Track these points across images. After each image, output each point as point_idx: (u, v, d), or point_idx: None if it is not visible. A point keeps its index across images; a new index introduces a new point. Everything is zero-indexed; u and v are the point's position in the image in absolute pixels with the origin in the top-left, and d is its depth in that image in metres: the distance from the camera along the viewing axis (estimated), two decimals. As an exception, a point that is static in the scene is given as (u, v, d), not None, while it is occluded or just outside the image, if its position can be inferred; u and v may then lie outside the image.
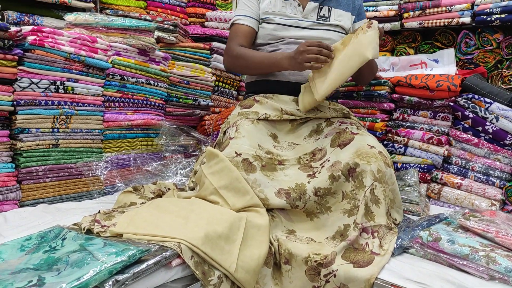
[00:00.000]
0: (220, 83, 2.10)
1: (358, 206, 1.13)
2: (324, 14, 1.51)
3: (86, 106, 1.48)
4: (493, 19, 1.66)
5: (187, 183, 1.49)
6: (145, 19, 1.82)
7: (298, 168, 1.29)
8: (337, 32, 1.51)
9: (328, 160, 1.24)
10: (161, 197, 1.34)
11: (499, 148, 1.51)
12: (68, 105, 1.42)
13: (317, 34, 1.47)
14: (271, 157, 1.31)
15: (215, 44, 2.04)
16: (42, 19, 1.78)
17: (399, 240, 1.08)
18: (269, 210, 1.17)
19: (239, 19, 1.52)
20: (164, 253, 0.86)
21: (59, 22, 1.79)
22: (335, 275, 0.99)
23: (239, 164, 1.20)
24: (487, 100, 1.53)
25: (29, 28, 1.35)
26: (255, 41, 1.56)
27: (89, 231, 1.00)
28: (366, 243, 1.08)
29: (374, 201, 1.14)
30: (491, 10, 1.66)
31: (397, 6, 1.97)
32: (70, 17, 1.60)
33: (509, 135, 1.49)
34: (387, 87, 1.75)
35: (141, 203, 1.26)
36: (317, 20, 1.50)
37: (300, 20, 1.49)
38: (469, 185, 1.54)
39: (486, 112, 1.53)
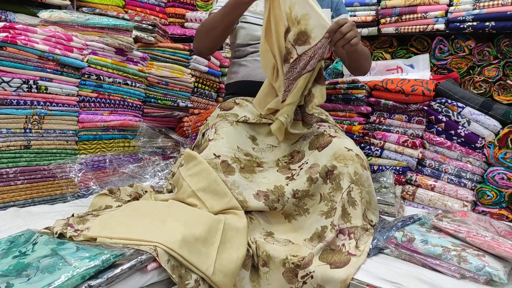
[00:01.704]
0: (200, 85, 2.08)
1: (335, 208, 1.14)
2: None
3: (60, 106, 1.44)
4: (465, 26, 1.71)
5: (165, 185, 1.47)
6: (123, 18, 1.79)
7: (277, 171, 1.30)
8: None
9: (307, 163, 1.25)
10: (138, 200, 1.32)
11: (470, 151, 1.56)
12: (41, 105, 1.38)
13: None
14: (250, 159, 1.31)
15: (195, 45, 2.02)
16: (15, 16, 1.72)
17: (375, 241, 1.10)
18: (248, 212, 1.17)
19: (216, 9, 1.46)
20: (139, 257, 0.84)
21: (33, 19, 1.73)
22: (312, 277, 1.00)
23: (217, 166, 1.20)
24: (460, 104, 1.58)
25: (1, 24, 1.30)
26: (235, 42, 1.56)
27: (61, 236, 0.97)
28: (343, 244, 1.09)
29: (350, 203, 1.15)
30: (463, 18, 1.72)
31: (374, 12, 2.01)
32: (44, 14, 1.55)
33: (480, 139, 1.54)
34: (364, 90, 1.78)
35: (116, 206, 1.23)
36: None
37: None
38: (442, 187, 1.59)
39: (459, 116, 1.58)
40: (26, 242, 0.90)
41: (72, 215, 1.12)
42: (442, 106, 1.61)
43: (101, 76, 1.56)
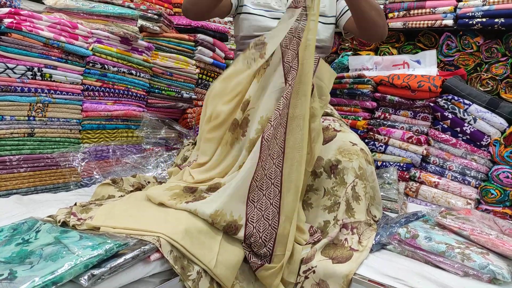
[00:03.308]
0: (204, 76, 2.07)
1: (338, 203, 1.14)
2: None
3: (64, 94, 1.43)
4: (474, 22, 1.69)
5: (167, 176, 1.47)
6: (129, 7, 1.77)
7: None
8: (320, 22, 1.48)
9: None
10: (140, 190, 1.31)
11: (475, 148, 1.55)
12: (46, 93, 1.37)
13: None
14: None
15: (200, 36, 2.00)
16: (20, 2, 1.70)
17: (378, 237, 1.10)
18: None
19: None
20: (142, 247, 0.84)
21: (38, 6, 1.72)
22: (314, 271, 1.00)
23: (221, 158, 1.19)
24: (466, 101, 1.57)
25: (6, 10, 1.29)
26: (239, 35, 1.54)
27: (64, 224, 0.97)
28: (346, 239, 1.09)
29: (354, 198, 1.15)
30: (473, 14, 1.69)
31: (382, 5, 1.99)
32: (50, 0, 1.54)
33: (485, 136, 1.53)
34: (370, 85, 1.76)
35: (119, 196, 1.23)
36: None
37: (283, 13, 1.46)
38: (446, 184, 1.58)
39: (465, 113, 1.57)
40: (29, 229, 0.90)
41: (75, 204, 1.12)
42: (449, 103, 1.60)
43: (105, 65, 1.55)
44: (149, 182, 1.40)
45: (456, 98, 1.59)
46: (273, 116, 1.03)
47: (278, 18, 1.45)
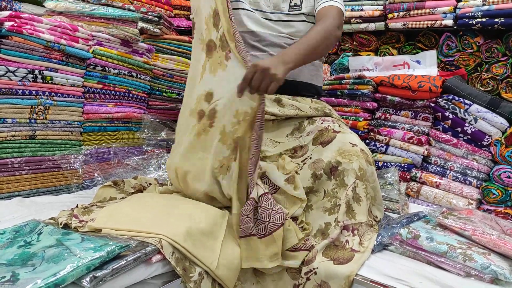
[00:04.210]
0: (205, 78, 2.07)
1: (339, 205, 1.13)
2: (295, 3, 1.41)
3: (65, 96, 1.43)
4: (474, 22, 1.69)
5: (168, 178, 1.47)
6: (129, 9, 1.78)
7: (281, 165, 1.29)
8: (308, 22, 1.41)
9: (310, 157, 1.24)
10: (142, 192, 1.32)
11: (477, 148, 1.55)
12: (47, 95, 1.37)
13: (287, 30, 1.40)
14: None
15: (200, 38, 2.01)
16: (21, 5, 1.72)
17: (379, 237, 1.09)
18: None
19: None
20: (144, 249, 0.84)
21: (38, 9, 1.73)
22: (315, 273, 1.00)
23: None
24: (467, 101, 1.57)
25: (7, 13, 1.29)
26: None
27: (66, 226, 0.97)
28: (347, 240, 1.09)
29: (355, 199, 1.15)
30: (472, 14, 1.70)
31: (382, 6, 1.99)
32: (50, 4, 1.55)
33: (486, 136, 1.53)
34: (370, 86, 1.77)
35: (121, 198, 1.23)
36: (289, 10, 1.42)
37: (271, 13, 1.41)
38: (447, 185, 1.58)
39: (465, 114, 1.57)
40: (31, 232, 0.90)
41: (77, 206, 1.12)
42: (449, 103, 1.60)
43: (106, 67, 1.55)
44: (150, 184, 1.40)
45: (456, 98, 1.59)
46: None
47: (268, 19, 1.40)
